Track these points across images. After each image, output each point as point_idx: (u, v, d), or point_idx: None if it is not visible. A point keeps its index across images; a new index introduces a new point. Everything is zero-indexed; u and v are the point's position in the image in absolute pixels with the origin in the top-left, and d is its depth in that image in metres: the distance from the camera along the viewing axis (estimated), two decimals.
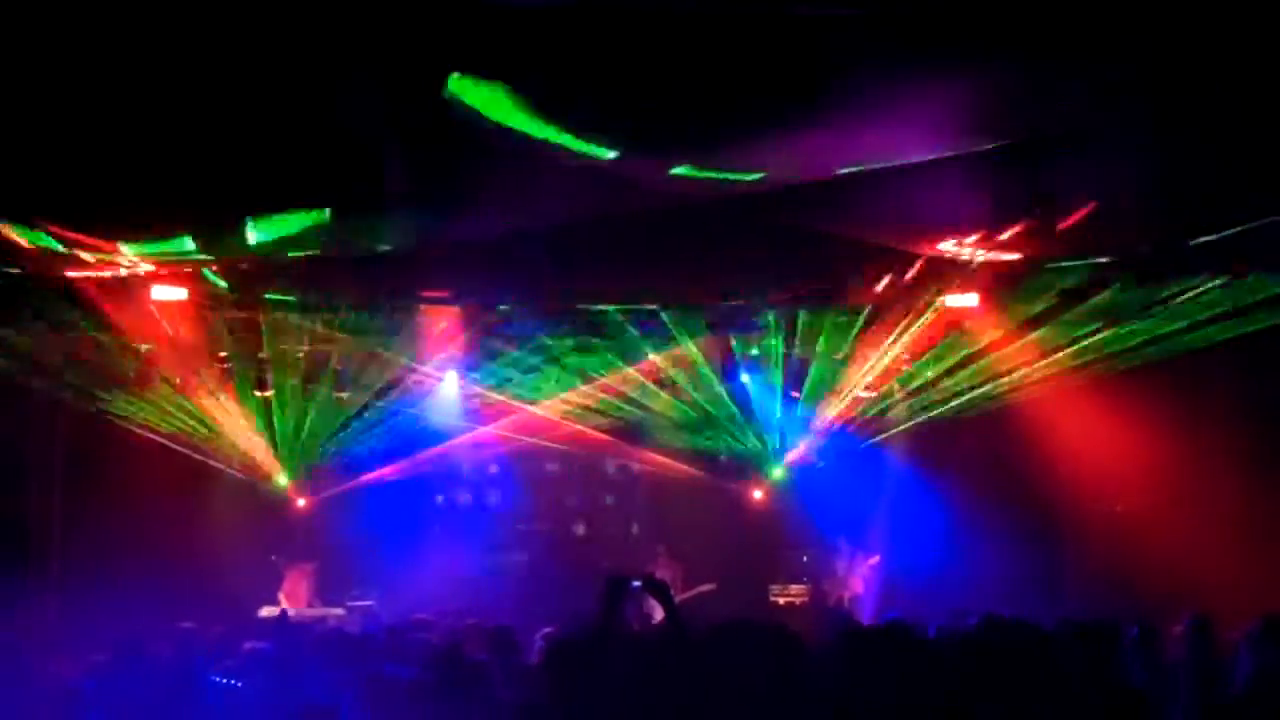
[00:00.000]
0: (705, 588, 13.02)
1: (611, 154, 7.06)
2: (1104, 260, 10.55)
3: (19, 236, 8.75)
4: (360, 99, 6.38)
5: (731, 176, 7.81)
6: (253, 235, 8.87)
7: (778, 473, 14.36)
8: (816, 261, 10.80)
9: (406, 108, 6.63)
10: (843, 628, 6.18)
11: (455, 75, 6.08)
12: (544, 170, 7.61)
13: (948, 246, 10.10)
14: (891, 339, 12.87)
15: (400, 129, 6.89)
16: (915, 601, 11.18)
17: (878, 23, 5.61)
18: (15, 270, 9.96)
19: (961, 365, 12.96)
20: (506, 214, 8.98)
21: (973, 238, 9.79)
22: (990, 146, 7.34)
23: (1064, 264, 10.67)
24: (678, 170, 7.47)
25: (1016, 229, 9.38)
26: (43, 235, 8.75)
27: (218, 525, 13.14)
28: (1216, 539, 10.97)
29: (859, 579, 13.35)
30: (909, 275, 11.27)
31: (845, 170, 7.80)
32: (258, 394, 13.15)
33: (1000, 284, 11.54)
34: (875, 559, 13.32)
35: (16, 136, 7.00)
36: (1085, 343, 11.95)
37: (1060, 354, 12.18)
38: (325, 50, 5.99)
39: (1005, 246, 9.97)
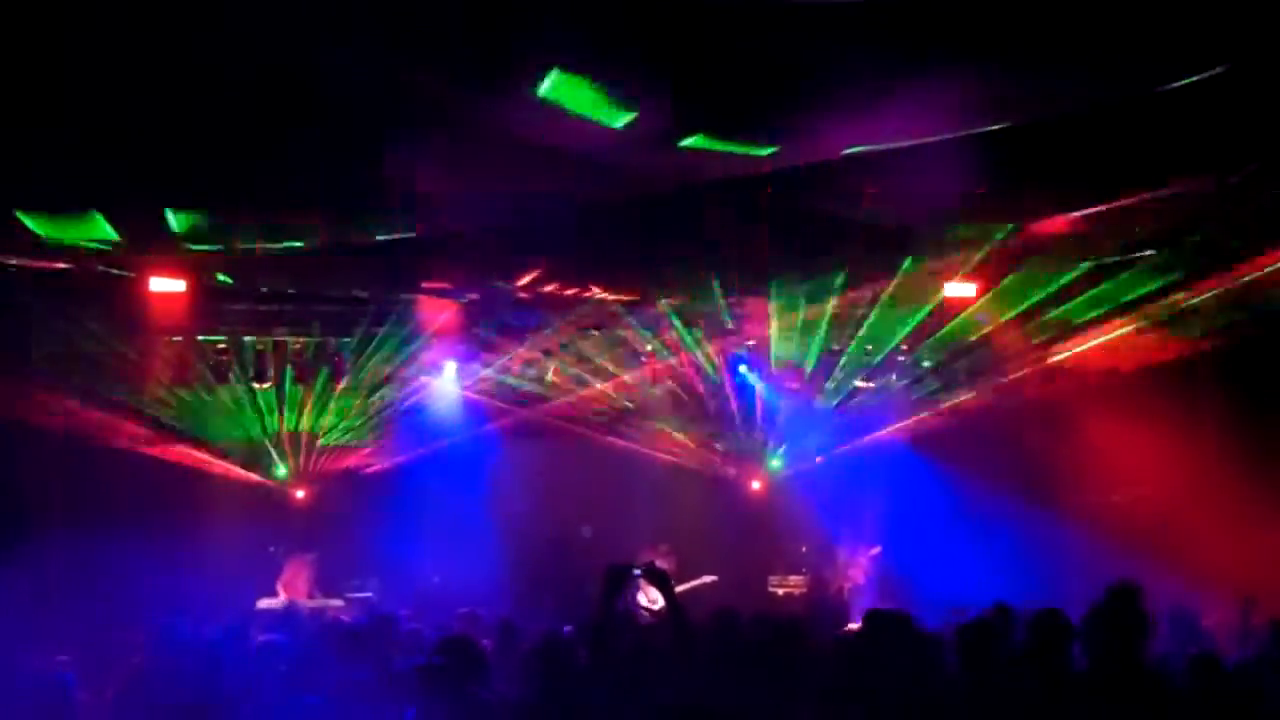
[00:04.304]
0: (707, 579, 13.00)
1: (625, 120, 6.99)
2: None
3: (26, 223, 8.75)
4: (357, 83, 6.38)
5: (741, 150, 7.77)
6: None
7: (776, 464, 14.34)
8: (818, 251, 10.83)
9: (403, 94, 6.63)
10: (840, 620, 6.18)
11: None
12: (543, 159, 7.61)
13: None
14: (891, 327, 12.91)
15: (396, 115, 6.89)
16: (915, 593, 11.18)
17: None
18: (14, 261, 9.96)
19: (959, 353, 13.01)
20: (510, 203, 8.98)
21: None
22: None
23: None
24: (688, 142, 7.40)
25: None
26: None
27: (216, 516, 13.11)
28: (1213, 526, 10.98)
29: (859, 569, 13.32)
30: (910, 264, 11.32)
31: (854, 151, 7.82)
32: (257, 385, 13.10)
33: (999, 271, 11.59)
34: (876, 550, 13.30)
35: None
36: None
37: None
38: (319, 32, 5.98)
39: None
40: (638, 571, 5.26)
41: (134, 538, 11.47)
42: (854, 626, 7.88)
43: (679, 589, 12.64)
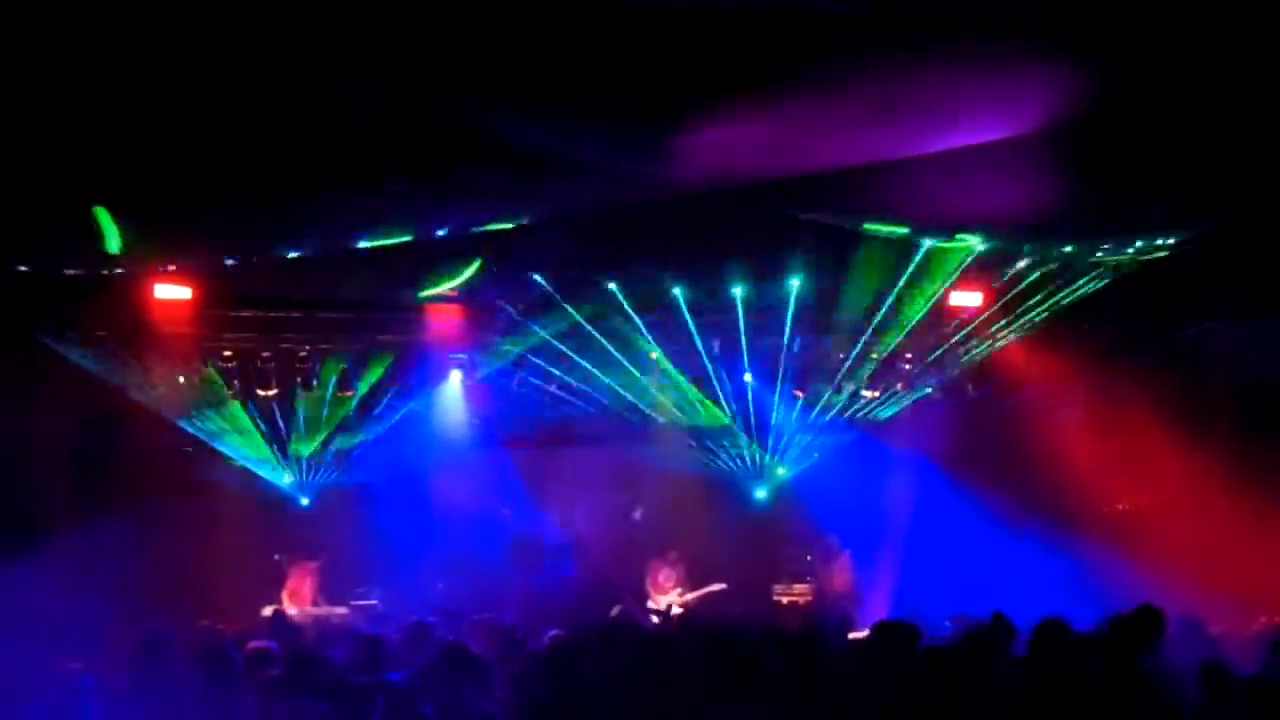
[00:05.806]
0: (716, 587, 12.98)
1: None
2: None
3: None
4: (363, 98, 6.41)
5: None
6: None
7: (781, 471, 14.31)
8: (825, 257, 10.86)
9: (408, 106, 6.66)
10: (839, 629, 6.17)
11: None
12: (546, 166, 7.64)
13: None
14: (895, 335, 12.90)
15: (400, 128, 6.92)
16: (919, 601, 11.16)
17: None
18: (23, 269, 10.00)
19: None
20: (514, 209, 9.01)
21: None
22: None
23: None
24: None
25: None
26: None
27: (222, 524, 13.11)
28: (1215, 534, 10.96)
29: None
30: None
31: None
32: (261, 392, 13.09)
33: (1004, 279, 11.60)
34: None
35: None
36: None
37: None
38: (329, 50, 6.01)
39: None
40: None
41: (139, 545, 11.50)
42: (854, 635, 7.85)
43: (688, 596, 12.78)
